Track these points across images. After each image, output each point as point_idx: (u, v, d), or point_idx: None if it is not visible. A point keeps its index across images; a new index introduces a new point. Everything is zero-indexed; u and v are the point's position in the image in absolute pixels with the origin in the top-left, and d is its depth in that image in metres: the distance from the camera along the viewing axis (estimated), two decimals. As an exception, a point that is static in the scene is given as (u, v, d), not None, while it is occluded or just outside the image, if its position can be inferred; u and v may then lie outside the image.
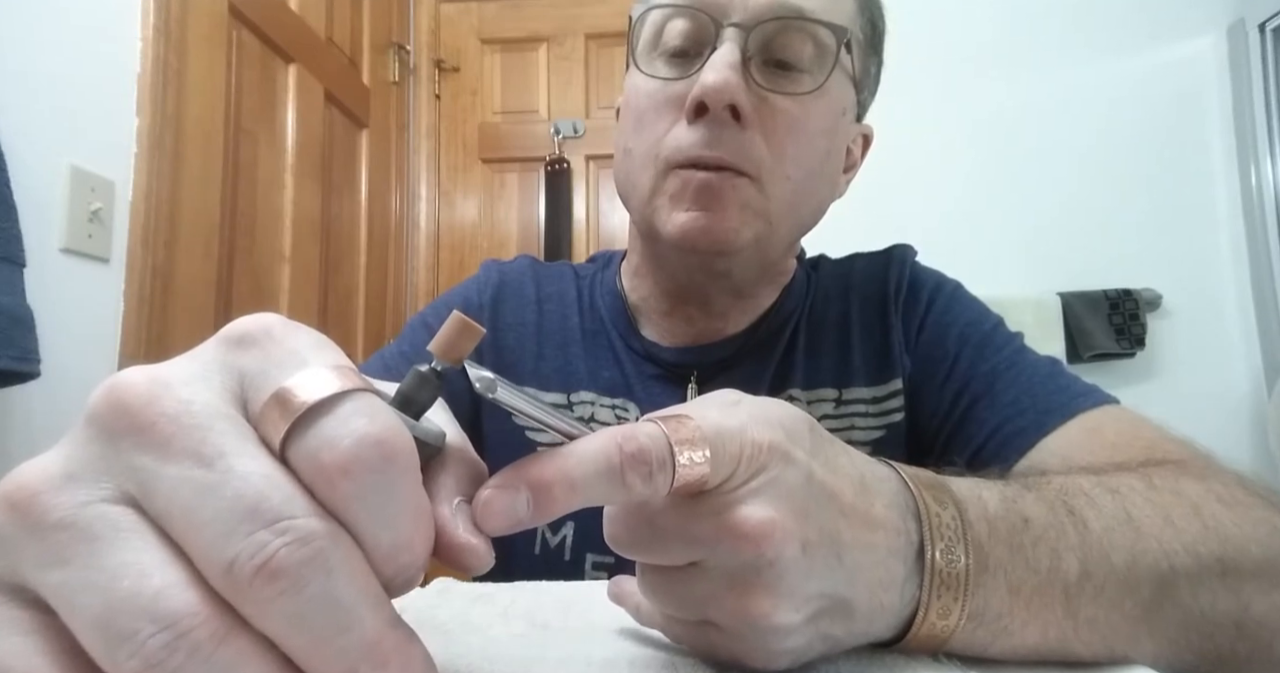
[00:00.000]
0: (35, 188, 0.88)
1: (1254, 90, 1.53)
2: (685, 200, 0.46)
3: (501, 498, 0.20)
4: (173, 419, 0.16)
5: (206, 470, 0.15)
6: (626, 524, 0.24)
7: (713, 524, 0.22)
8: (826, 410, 0.52)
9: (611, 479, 0.21)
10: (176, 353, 0.19)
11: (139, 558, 0.15)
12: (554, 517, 0.20)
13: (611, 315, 0.58)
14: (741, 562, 0.22)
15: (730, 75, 0.43)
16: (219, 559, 0.15)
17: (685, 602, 0.24)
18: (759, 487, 0.23)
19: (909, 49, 1.67)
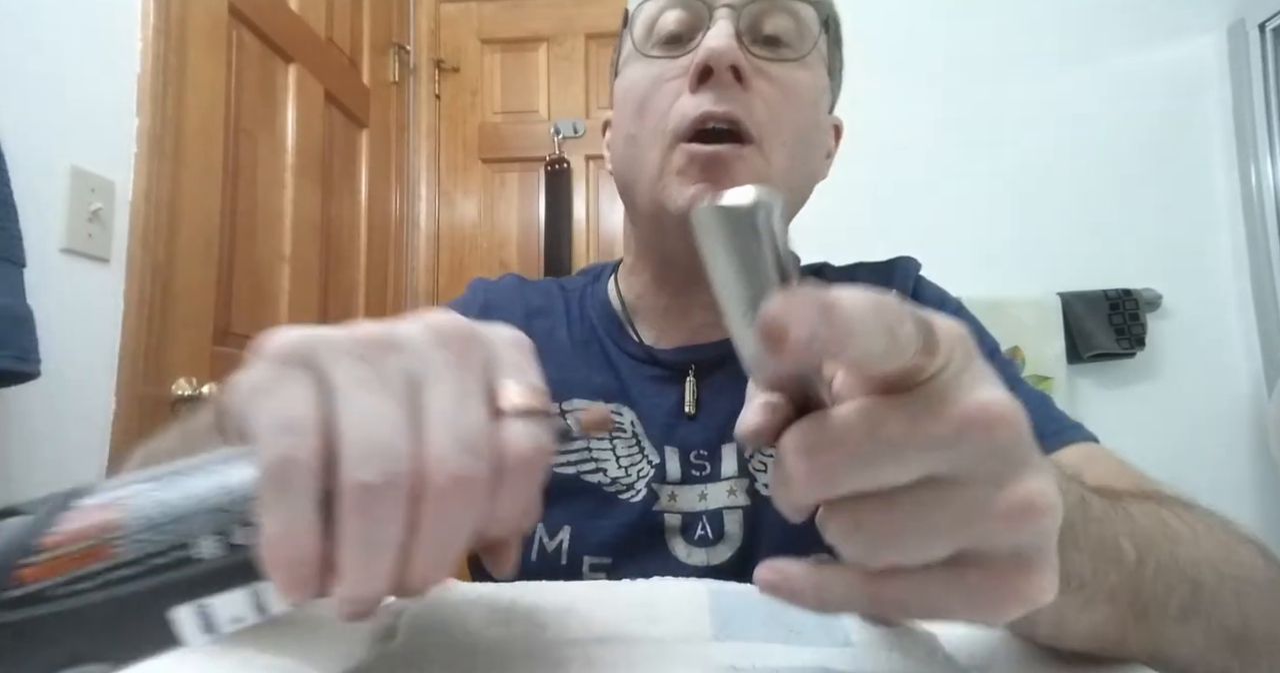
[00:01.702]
0: (35, 188, 0.88)
1: (1254, 90, 1.53)
2: (694, 174, 0.48)
3: (802, 305, 0.16)
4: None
5: (471, 401, 0.21)
6: (849, 440, 0.19)
7: (954, 414, 0.18)
8: None
9: (880, 315, 0.17)
10: (176, 353, 0.20)
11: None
12: (832, 355, 0.17)
13: (603, 323, 0.58)
14: (997, 448, 0.19)
15: (730, 41, 0.47)
16: (436, 456, 0.20)
17: (935, 531, 0.19)
18: (979, 373, 0.20)
19: (909, 49, 1.67)
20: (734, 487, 0.51)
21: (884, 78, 1.65)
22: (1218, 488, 1.49)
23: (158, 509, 0.19)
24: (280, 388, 0.20)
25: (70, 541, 0.18)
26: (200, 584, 0.19)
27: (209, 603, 0.19)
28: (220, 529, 0.19)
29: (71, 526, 0.19)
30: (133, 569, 0.18)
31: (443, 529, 0.20)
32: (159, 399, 1.07)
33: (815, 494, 0.20)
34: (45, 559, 0.18)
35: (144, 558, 0.19)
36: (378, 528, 0.19)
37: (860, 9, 1.64)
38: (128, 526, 0.19)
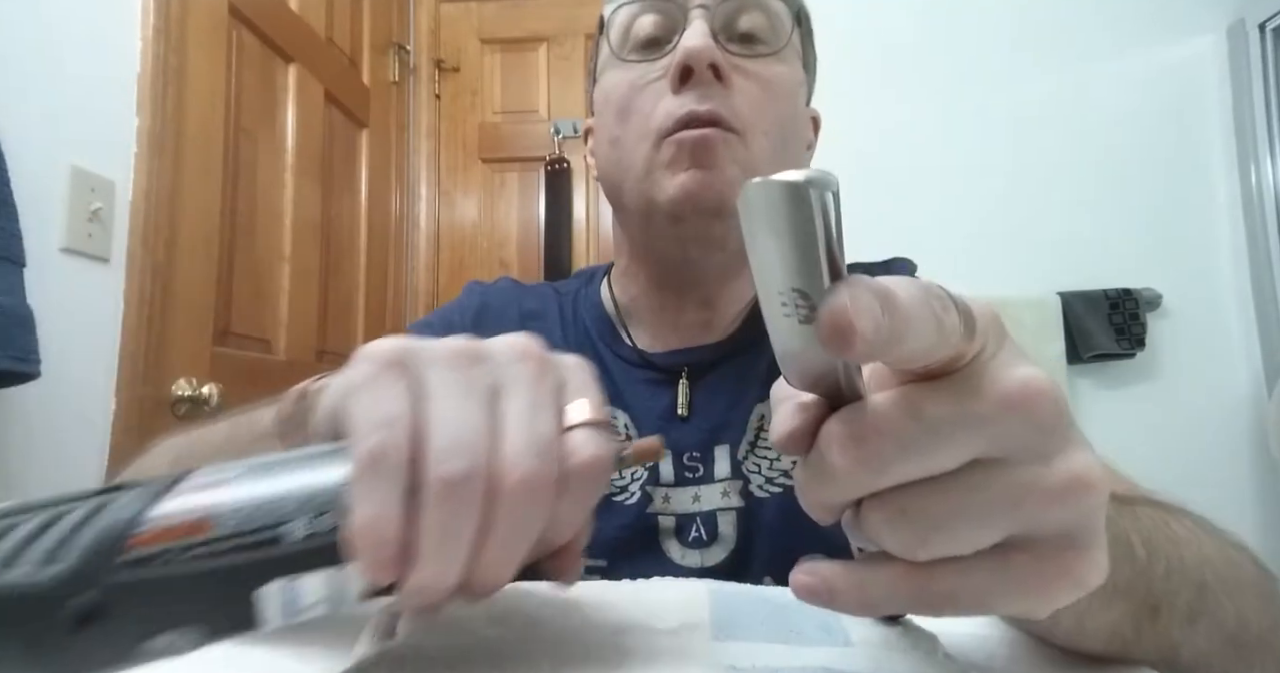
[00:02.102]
0: (35, 188, 0.88)
1: (1254, 90, 1.53)
2: (683, 161, 0.49)
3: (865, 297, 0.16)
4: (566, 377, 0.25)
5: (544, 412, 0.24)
6: (894, 426, 0.18)
7: (996, 393, 0.18)
8: None
9: (929, 305, 0.17)
10: (176, 353, 0.20)
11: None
12: (889, 350, 0.17)
13: (597, 327, 0.59)
14: (1042, 424, 0.18)
15: (707, 40, 0.48)
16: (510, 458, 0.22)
17: (985, 514, 0.19)
18: (1014, 352, 0.20)
19: (908, 49, 1.67)
20: (727, 488, 0.51)
21: (883, 77, 1.65)
22: (1218, 488, 1.49)
23: (253, 493, 0.21)
24: (378, 387, 0.22)
25: (176, 515, 0.21)
26: (288, 564, 0.21)
27: (294, 583, 0.21)
28: (310, 515, 0.21)
29: (177, 502, 0.21)
30: (229, 544, 0.20)
31: (513, 527, 0.22)
32: (159, 399, 1.07)
33: (862, 485, 0.19)
34: (154, 529, 0.20)
35: (239, 534, 0.21)
36: (456, 519, 0.21)
37: (860, 8, 1.65)
38: (226, 505, 0.21)
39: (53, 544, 0.20)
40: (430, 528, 0.21)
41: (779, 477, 0.51)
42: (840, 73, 1.58)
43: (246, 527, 0.21)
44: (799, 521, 0.49)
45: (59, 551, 0.19)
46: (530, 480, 0.21)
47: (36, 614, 0.19)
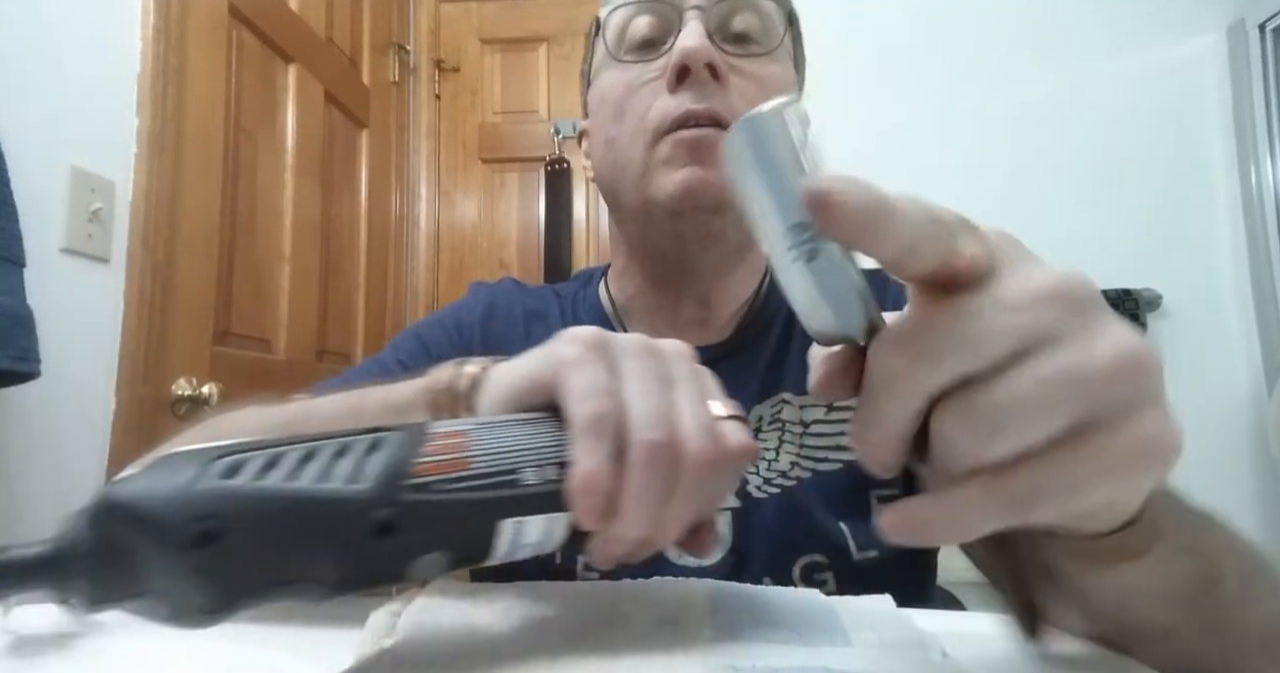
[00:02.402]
0: (35, 188, 0.88)
1: (1254, 90, 1.53)
2: (680, 159, 0.50)
3: (842, 178, 0.18)
4: None
5: (705, 404, 0.28)
6: (941, 321, 0.20)
7: (1027, 288, 0.20)
8: (818, 415, 0.53)
9: (915, 200, 0.20)
10: (176, 353, 0.20)
11: None
12: (880, 230, 0.19)
13: (595, 326, 0.59)
14: (1078, 308, 0.20)
15: (704, 41, 0.49)
16: (689, 443, 0.26)
17: (1048, 396, 0.19)
18: (1038, 261, 0.21)
19: (906, 49, 1.67)
20: None
21: (881, 77, 1.65)
22: (1218, 488, 1.48)
23: (494, 442, 0.25)
24: (589, 363, 0.27)
25: (441, 452, 0.24)
26: (521, 504, 0.25)
27: (523, 522, 0.25)
28: (537, 465, 0.25)
29: (438, 442, 0.25)
30: (481, 481, 0.24)
31: (690, 492, 0.26)
32: (159, 399, 1.07)
33: (922, 383, 0.20)
34: (430, 461, 0.24)
35: (490, 475, 0.24)
36: (655, 478, 0.25)
37: (858, 8, 1.65)
38: (475, 449, 0.25)
39: (351, 468, 0.22)
40: (633, 485, 0.25)
41: (776, 478, 0.52)
42: (838, 72, 1.59)
43: (494, 469, 0.24)
44: (797, 521, 0.50)
45: (358, 473, 0.22)
46: (707, 455, 0.26)
47: (347, 521, 0.21)
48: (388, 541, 0.22)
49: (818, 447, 0.52)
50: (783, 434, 0.53)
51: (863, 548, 0.49)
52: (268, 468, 0.21)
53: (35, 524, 0.87)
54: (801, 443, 0.52)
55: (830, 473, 0.51)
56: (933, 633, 0.29)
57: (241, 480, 0.21)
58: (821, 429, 0.52)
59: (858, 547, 0.49)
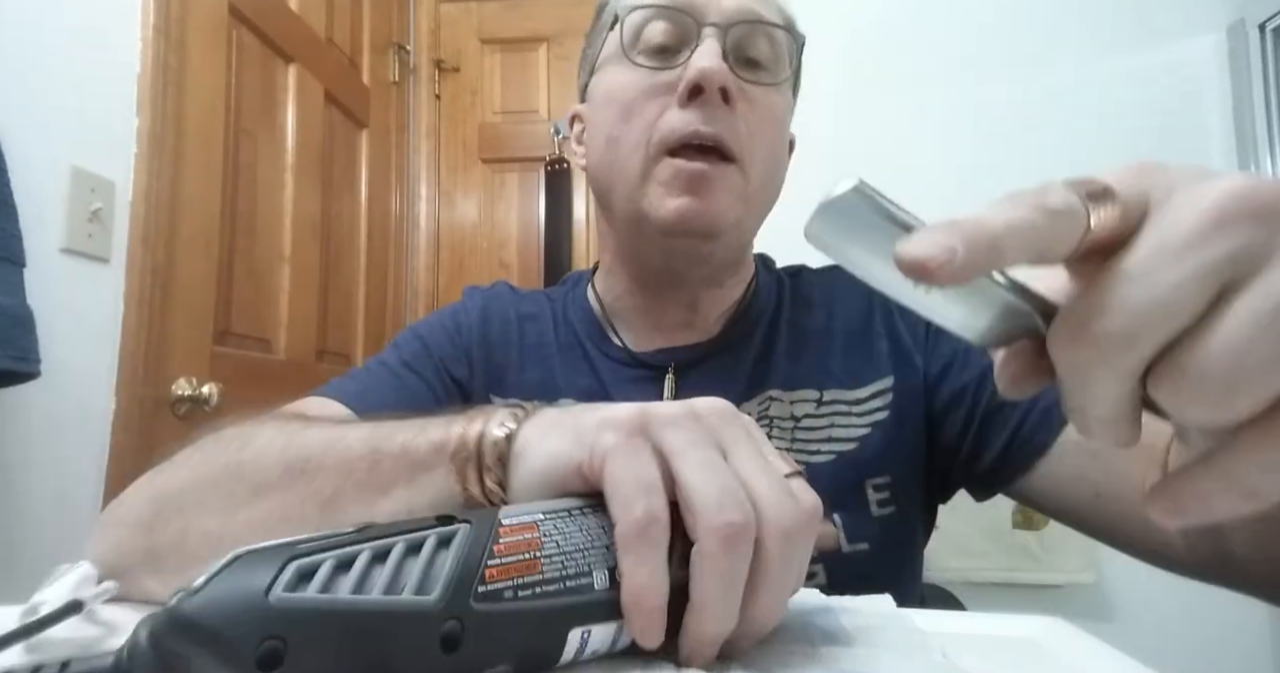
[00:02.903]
0: (35, 188, 0.88)
1: (1254, 90, 1.53)
2: (678, 187, 0.50)
3: (931, 236, 0.17)
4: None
5: (768, 463, 0.26)
6: (1123, 279, 0.18)
7: (1195, 218, 0.17)
8: (809, 410, 0.54)
9: (1015, 199, 0.18)
10: (176, 353, 0.20)
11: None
12: (993, 257, 0.17)
13: (585, 328, 0.61)
14: (1265, 221, 0.17)
15: (720, 62, 0.50)
16: (774, 509, 0.24)
17: (1262, 335, 0.17)
18: (1193, 177, 0.19)
19: (907, 49, 1.67)
20: None
21: (880, 76, 1.65)
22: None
23: (563, 538, 0.24)
24: (633, 456, 0.24)
25: (512, 551, 0.22)
26: (591, 611, 0.23)
27: (591, 630, 0.23)
28: (605, 568, 0.23)
29: (510, 537, 0.23)
30: (554, 587, 0.22)
31: (784, 568, 0.24)
32: (159, 399, 1.07)
33: (1120, 368, 0.18)
34: (501, 564, 0.22)
35: (562, 578, 0.23)
36: (736, 563, 0.23)
37: (860, 9, 1.65)
38: (546, 547, 0.23)
39: (421, 572, 0.21)
40: (710, 577, 0.22)
41: None
42: (837, 73, 1.59)
43: (565, 572, 0.23)
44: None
45: (426, 579, 0.21)
46: (795, 525, 0.24)
47: (415, 636, 0.20)
48: (455, 655, 0.21)
49: (810, 440, 0.53)
50: (771, 429, 0.54)
51: (853, 540, 0.51)
52: (338, 571, 0.20)
53: (35, 524, 0.87)
54: (793, 437, 0.53)
55: (823, 465, 0.52)
56: (933, 633, 0.29)
57: (310, 592, 0.20)
58: (813, 423, 0.54)
59: (849, 538, 0.51)
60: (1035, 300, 0.20)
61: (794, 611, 0.31)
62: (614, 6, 0.57)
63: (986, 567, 1.36)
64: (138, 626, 0.19)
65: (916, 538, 0.57)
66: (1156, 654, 0.30)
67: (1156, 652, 0.36)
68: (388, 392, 0.55)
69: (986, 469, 0.51)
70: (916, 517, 0.56)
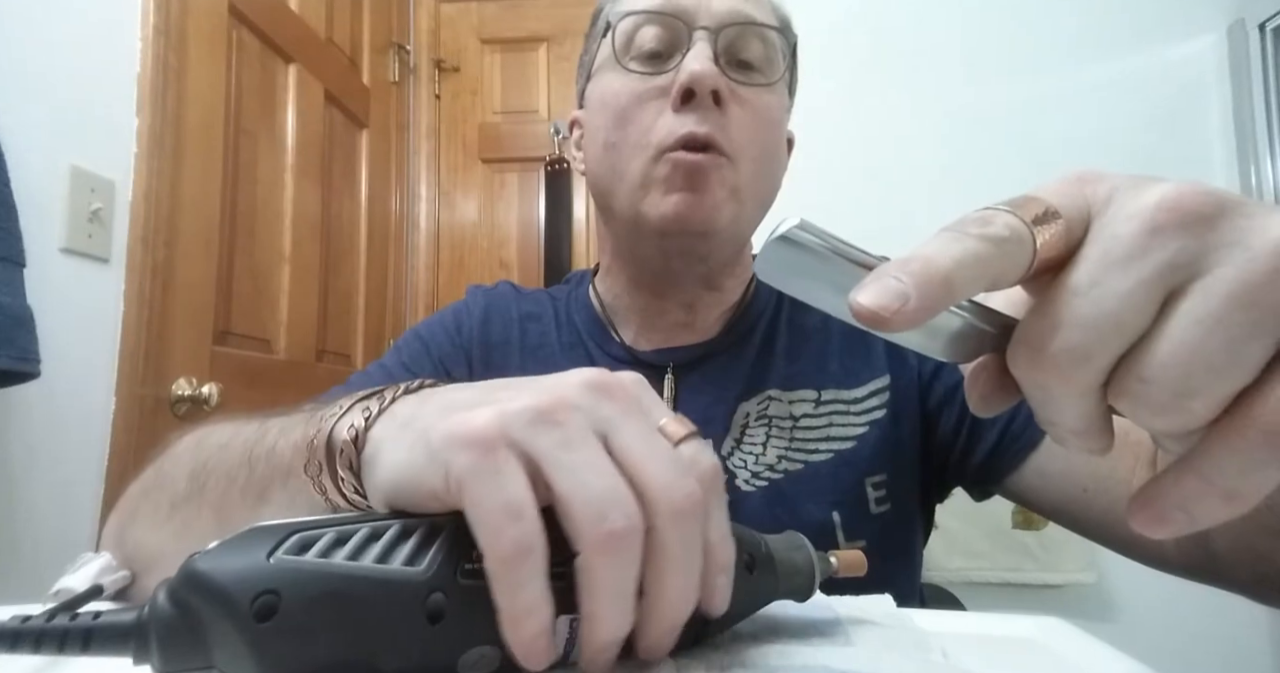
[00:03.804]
0: (35, 188, 0.88)
1: (1254, 90, 1.53)
2: (676, 183, 0.51)
3: (883, 282, 0.17)
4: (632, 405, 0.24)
5: (656, 436, 0.24)
6: (1069, 299, 0.18)
7: (1137, 226, 0.17)
8: (807, 410, 0.55)
9: (958, 236, 0.18)
10: (176, 353, 0.20)
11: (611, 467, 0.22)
12: (948, 297, 0.18)
13: (587, 327, 0.61)
14: (1206, 221, 0.17)
15: (711, 65, 0.50)
16: (663, 492, 0.22)
17: (1227, 332, 0.17)
18: (1132, 184, 0.19)
19: (907, 50, 1.67)
20: None
21: (883, 78, 1.65)
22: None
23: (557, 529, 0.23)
24: (493, 476, 0.21)
25: None
26: (575, 600, 0.22)
27: (578, 619, 0.22)
28: None
29: None
30: None
31: (686, 548, 0.22)
32: (159, 399, 1.07)
33: (1080, 382, 0.18)
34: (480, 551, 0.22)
35: (551, 564, 0.22)
36: (623, 569, 0.21)
37: (859, 9, 1.65)
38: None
39: (413, 548, 0.22)
40: (600, 588, 0.21)
41: (764, 471, 0.53)
42: (836, 74, 1.59)
43: (554, 559, 0.22)
44: (784, 512, 0.51)
45: (416, 555, 0.22)
46: (688, 501, 0.22)
47: (401, 604, 0.21)
48: (439, 627, 0.21)
49: (808, 439, 0.54)
50: (769, 429, 0.54)
51: (851, 538, 0.51)
52: (336, 545, 0.22)
53: (36, 524, 0.87)
54: (792, 436, 0.54)
55: (822, 463, 0.53)
56: (933, 633, 0.29)
57: (308, 557, 0.21)
58: (811, 422, 0.54)
59: (846, 536, 0.51)
60: (993, 317, 0.21)
61: (794, 610, 0.31)
62: (606, 13, 0.58)
63: (986, 567, 1.36)
64: (157, 587, 0.21)
65: (915, 536, 0.57)
66: (1156, 654, 0.30)
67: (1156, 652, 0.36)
68: None
69: (979, 466, 0.52)
70: (914, 515, 0.56)
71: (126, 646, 0.21)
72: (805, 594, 0.29)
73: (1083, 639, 0.31)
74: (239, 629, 0.20)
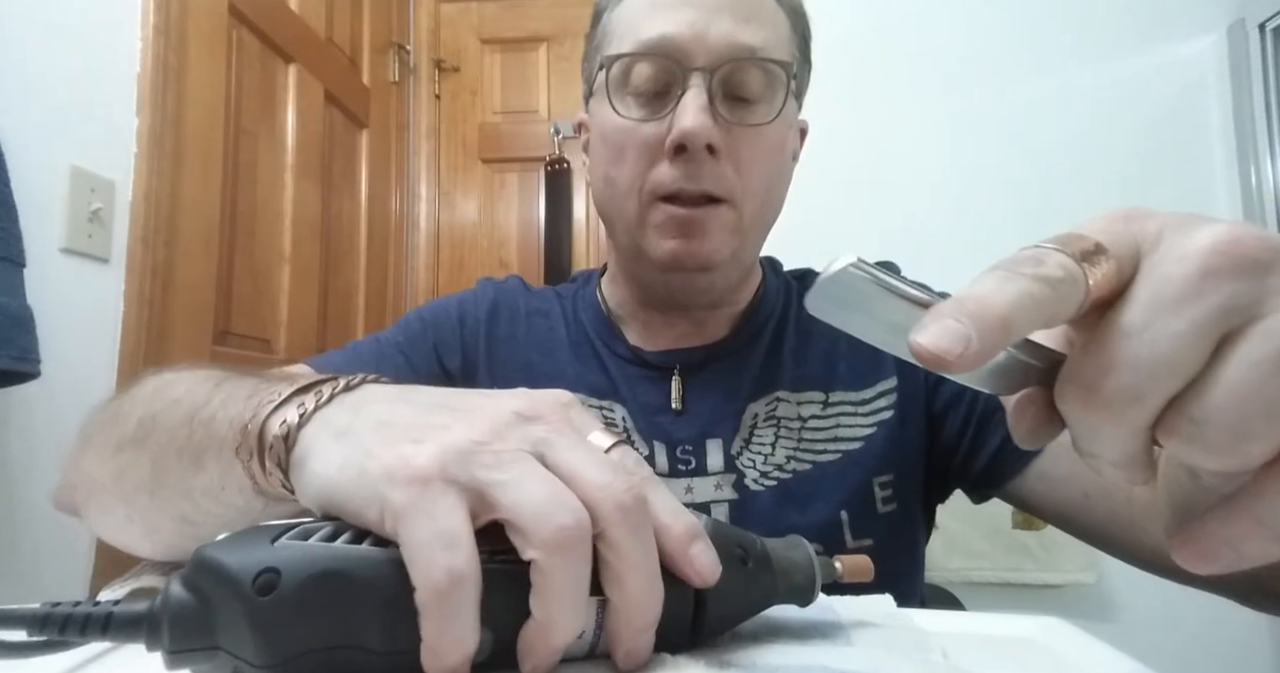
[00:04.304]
0: (35, 188, 0.88)
1: (1254, 90, 1.53)
2: (672, 230, 0.51)
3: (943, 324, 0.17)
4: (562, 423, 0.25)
5: (587, 446, 0.25)
6: (1115, 369, 0.18)
7: (1189, 268, 0.17)
8: (815, 411, 0.55)
9: (1013, 274, 0.18)
10: (176, 353, 0.20)
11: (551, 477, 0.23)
12: (1008, 337, 0.17)
13: (594, 326, 0.61)
14: (1262, 266, 0.17)
15: (704, 118, 0.49)
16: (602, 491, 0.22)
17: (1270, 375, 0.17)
18: (1181, 223, 0.19)
19: (906, 50, 1.67)
20: (720, 482, 0.53)
21: (883, 78, 1.65)
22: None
23: None
24: (427, 509, 0.21)
25: (498, 524, 0.23)
26: None
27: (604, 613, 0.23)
28: None
29: None
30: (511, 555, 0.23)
31: (638, 541, 0.22)
32: (159, 399, 1.07)
33: (1131, 424, 0.18)
34: (485, 533, 0.22)
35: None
36: (577, 568, 0.21)
37: (859, 10, 1.65)
38: None
39: None
40: (551, 591, 0.21)
41: (773, 471, 0.53)
42: (838, 75, 1.59)
43: None
44: (792, 511, 0.51)
45: None
46: (629, 497, 0.22)
47: (396, 584, 0.21)
48: None
49: (816, 439, 0.54)
50: (778, 430, 0.55)
51: (858, 536, 0.52)
52: (336, 534, 0.23)
53: (36, 524, 0.87)
54: (800, 437, 0.54)
55: (829, 463, 0.54)
56: (933, 633, 0.29)
57: (310, 542, 0.22)
58: (819, 423, 0.55)
59: (853, 536, 0.52)
60: (1038, 352, 0.21)
61: (794, 610, 0.31)
62: (601, 30, 0.57)
63: (986, 567, 1.36)
64: (170, 577, 0.22)
65: (919, 536, 0.58)
66: (1156, 654, 0.30)
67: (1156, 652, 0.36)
68: (369, 368, 0.56)
69: (982, 469, 0.52)
70: (918, 515, 0.57)
71: (140, 630, 0.21)
72: (806, 596, 0.29)
73: (1083, 639, 0.31)
74: (242, 606, 0.21)
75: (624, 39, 0.53)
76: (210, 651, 0.21)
